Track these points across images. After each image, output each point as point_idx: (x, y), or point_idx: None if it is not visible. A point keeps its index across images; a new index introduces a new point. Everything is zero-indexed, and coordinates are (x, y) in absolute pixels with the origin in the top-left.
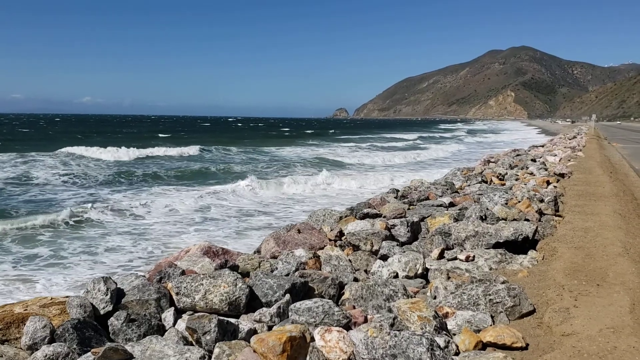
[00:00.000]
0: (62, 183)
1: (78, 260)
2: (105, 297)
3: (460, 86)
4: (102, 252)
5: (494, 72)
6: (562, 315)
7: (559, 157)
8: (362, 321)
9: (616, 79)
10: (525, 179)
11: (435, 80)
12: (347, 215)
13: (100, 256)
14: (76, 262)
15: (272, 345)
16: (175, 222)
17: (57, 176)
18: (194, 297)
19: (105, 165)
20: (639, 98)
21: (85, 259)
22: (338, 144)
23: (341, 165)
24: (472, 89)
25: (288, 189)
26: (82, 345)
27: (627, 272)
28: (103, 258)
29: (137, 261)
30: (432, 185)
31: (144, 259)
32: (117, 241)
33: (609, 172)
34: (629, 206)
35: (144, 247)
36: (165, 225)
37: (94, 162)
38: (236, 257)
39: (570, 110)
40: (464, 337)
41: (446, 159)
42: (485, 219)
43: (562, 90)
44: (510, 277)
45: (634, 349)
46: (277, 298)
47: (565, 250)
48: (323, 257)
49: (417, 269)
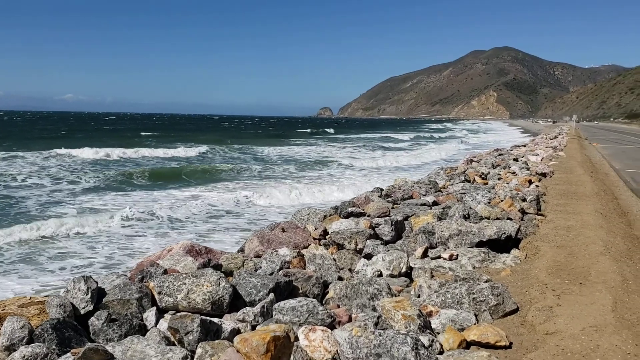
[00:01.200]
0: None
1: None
2: (86, 296)
3: (444, 86)
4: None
5: (477, 73)
6: (545, 313)
7: (541, 157)
8: (347, 320)
9: (596, 80)
10: (508, 178)
11: (418, 80)
12: (331, 214)
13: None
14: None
15: (255, 345)
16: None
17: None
18: (177, 297)
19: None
20: (618, 99)
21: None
22: (342, 144)
23: (352, 167)
24: (455, 89)
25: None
26: (61, 345)
27: (608, 271)
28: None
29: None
30: (416, 184)
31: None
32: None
33: (589, 172)
34: (609, 205)
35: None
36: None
37: (74, 160)
38: (219, 256)
39: (551, 110)
40: (448, 335)
41: (456, 156)
42: (468, 217)
43: (544, 90)
44: (494, 276)
45: (616, 347)
46: (261, 297)
47: (547, 249)
48: (307, 256)
49: (401, 267)
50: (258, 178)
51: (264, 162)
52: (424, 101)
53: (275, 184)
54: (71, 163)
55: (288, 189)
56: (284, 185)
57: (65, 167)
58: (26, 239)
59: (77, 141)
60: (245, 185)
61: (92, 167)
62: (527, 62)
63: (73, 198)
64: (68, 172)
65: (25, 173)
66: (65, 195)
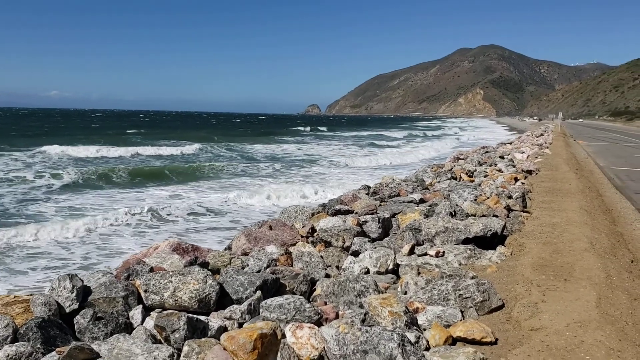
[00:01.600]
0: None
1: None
2: (71, 294)
3: (431, 84)
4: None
5: (464, 70)
6: (530, 310)
7: (527, 154)
8: (334, 317)
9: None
10: (494, 175)
11: (406, 77)
12: (319, 211)
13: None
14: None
15: (242, 343)
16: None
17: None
18: (163, 295)
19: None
20: (603, 97)
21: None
22: (336, 143)
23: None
24: (442, 87)
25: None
26: (46, 344)
27: (593, 267)
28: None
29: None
30: (403, 182)
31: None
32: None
33: (575, 169)
34: (594, 202)
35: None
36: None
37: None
38: (206, 253)
39: (537, 108)
40: (434, 332)
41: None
42: (454, 215)
43: (530, 88)
44: (480, 273)
45: (600, 342)
46: (248, 295)
47: (533, 245)
48: (295, 253)
49: (388, 264)
50: (242, 176)
51: (250, 160)
52: (412, 99)
53: (261, 182)
54: (56, 160)
55: (272, 189)
56: (269, 184)
57: (49, 164)
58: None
59: (61, 138)
60: (230, 184)
61: (76, 164)
62: (513, 60)
63: (52, 196)
64: (51, 169)
65: (5, 170)
66: (43, 194)
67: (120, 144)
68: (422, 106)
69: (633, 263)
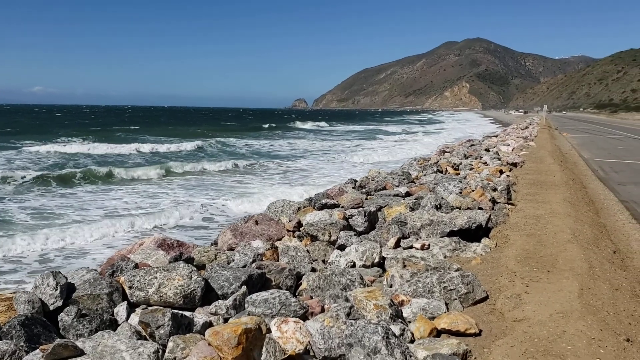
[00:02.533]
0: None
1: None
2: (55, 292)
3: (417, 77)
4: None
5: (450, 64)
6: (514, 301)
7: (512, 147)
8: (319, 311)
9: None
10: (479, 168)
11: (392, 71)
12: (305, 205)
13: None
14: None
15: (227, 338)
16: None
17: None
18: (148, 291)
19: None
20: (587, 89)
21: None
22: (335, 138)
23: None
24: (428, 80)
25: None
26: (30, 342)
27: (575, 258)
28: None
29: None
30: (389, 175)
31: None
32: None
33: (559, 162)
34: (578, 194)
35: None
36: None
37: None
38: (191, 249)
39: (522, 101)
40: (419, 324)
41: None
42: (440, 207)
43: (515, 81)
44: (464, 265)
45: (581, 332)
46: (234, 290)
47: (517, 237)
48: (281, 248)
49: (374, 258)
50: (226, 174)
51: (239, 156)
52: (398, 92)
53: (250, 181)
54: (35, 159)
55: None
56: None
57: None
58: None
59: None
60: (209, 181)
61: (47, 162)
62: (499, 54)
63: (19, 196)
64: (22, 169)
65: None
66: (7, 193)
67: (102, 141)
68: (408, 100)
69: (615, 254)
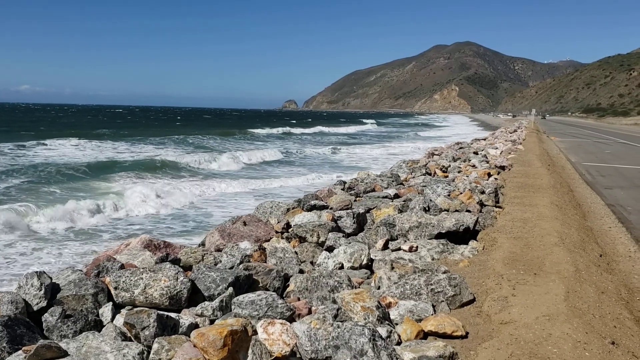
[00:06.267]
0: None
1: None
2: (39, 292)
3: (407, 80)
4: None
5: (439, 67)
6: (500, 304)
7: (500, 150)
8: (307, 313)
9: (555, 75)
10: (468, 171)
11: (382, 74)
12: (294, 207)
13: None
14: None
15: (212, 340)
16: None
17: None
18: (133, 292)
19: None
20: (576, 94)
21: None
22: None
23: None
24: (418, 83)
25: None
26: (12, 343)
27: (562, 262)
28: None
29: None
30: (378, 177)
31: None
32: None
33: (547, 165)
34: (565, 197)
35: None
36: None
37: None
38: (178, 250)
39: (511, 104)
40: (406, 326)
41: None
42: (428, 210)
43: (504, 85)
44: (452, 267)
45: (567, 335)
46: (220, 291)
47: (504, 240)
48: (269, 249)
49: (362, 259)
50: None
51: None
52: (388, 95)
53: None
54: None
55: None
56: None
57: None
58: None
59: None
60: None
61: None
62: (488, 57)
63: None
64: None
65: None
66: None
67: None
68: (398, 102)
69: (601, 257)
